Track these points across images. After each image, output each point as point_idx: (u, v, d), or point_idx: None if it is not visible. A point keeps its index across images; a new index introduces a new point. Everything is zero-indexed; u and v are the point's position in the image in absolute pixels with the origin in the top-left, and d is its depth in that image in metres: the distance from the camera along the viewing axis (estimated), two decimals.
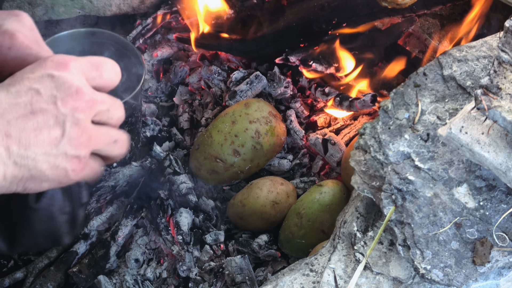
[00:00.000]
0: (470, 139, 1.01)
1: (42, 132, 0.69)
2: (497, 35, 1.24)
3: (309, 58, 1.76)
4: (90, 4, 1.87)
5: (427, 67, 1.20)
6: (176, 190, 1.57)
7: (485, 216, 1.06)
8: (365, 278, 1.10)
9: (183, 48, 1.99)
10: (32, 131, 0.69)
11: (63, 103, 0.71)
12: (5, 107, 0.68)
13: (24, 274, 1.52)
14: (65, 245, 1.55)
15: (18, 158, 0.68)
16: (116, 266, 1.54)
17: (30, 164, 0.69)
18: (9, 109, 0.68)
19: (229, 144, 1.57)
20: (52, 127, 0.70)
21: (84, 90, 0.73)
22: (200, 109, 1.84)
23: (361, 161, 1.14)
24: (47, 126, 0.70)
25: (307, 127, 1.77)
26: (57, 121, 0.70)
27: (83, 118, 0.72)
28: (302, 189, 1.64)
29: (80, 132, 0.72)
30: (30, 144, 0.68)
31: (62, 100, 0.71)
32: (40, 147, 0.69)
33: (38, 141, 0.69)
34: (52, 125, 0.70)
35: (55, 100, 0.70)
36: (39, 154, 0.69)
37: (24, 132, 0.68)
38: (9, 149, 0.67)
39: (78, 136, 0.72)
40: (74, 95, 0.72)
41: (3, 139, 0.67)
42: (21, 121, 0.68)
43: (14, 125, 0.68)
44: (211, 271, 1.47)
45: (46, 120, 0.70)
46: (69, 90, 0.71)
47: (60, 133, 0.70)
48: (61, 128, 0.70)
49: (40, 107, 0.69)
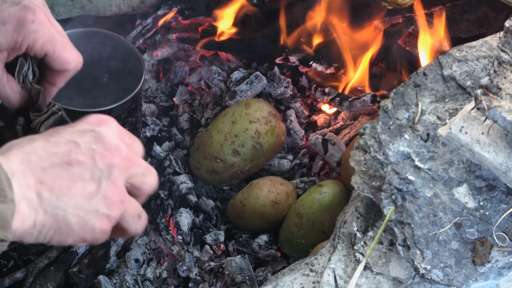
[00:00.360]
0: (470, 139, 1.01)
1: (77, 184, 0.68)
2: (497, 35, 1.24)
3: (309, 58, 1.76)
4: (90, 4, 1.87)
5: (427, 67, 1.20)
6: (176, 190, 1.57)
7: (485, 216, 1.06)
8: (365, 278, 1.10)
9: (183, 48, 1.99)
10: (66, 181, 0.67)
11: (101, 157, 0.70)
12: (42, 155, 0.67)
13: (24, 274, 1.52)
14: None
15: (49, 206, 0.66)
16: (116, 266, 1.54)
17: (60, 215, 0.67)
18: (46, 157, 0.67)
19: (229, 144, 1.57)
20: (87, 181, 0.69)
21: (122, 148, 0.72)
22: (200, 109, 1.84)
23: (361, 161, 1.14)
24: (82, 179, 0.68)
25: (307, 127, 1.77)
26: (93, 175, 0.69)
27: (119, 176, 0.71)
28: (302, 189, 1.64)
29: (115, 192, 0.70)
30: (63, 194, 0.67)
31: (101, 154, 0.70)
32: (72, 199, 0.67)
33: (71, 193, 0.67)
34: (88, 179, 0.69)
35: (94, 153, 0.70)
36: (70, 205, 0.67)
37: (58, 181, 0.67)
38: (41, 196, 0.65)
39: (112, 195, 0.70)
40: (113, 151, 0.71)
41: (36, 185, 0.65)
42: (56, 170, 0.67)
43: (49, 173, 0.66)
44: (211, 271, 1.47)
45: (82, 173, 0.68)
46: (108, 146, 0.71)
47: (95, 188, 0.69)
48: (96, 183, 0.69)
49: (77, 159, 0.68)
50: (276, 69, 1.78)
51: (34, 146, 0.67)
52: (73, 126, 0.72)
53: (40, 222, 0.66)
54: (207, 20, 1.96)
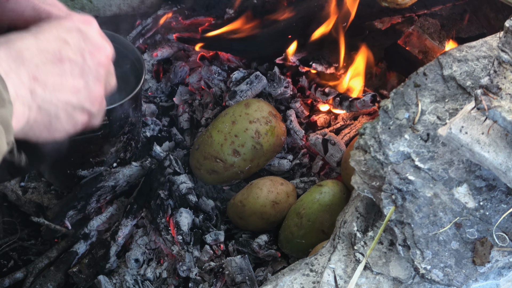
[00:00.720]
0: (470, 139, 1.01)
1: (67, 80, 0.70)
2: (497, 35, 1.24)
3: (309, 58, 1.76)
4: (90, 4, 1.87)
5: (427, 67, 1.20)
6: (176, 190, 1.58)
7: (485, 216, 1.06)
8: (365, 278, 1.10)
9: (183, 48, 1.99)
10: (58, 77, 0.69)
11: (90, 55, 0.72)
12: (33, 52, 0.68)
13: (24, 274, 1.52)
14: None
15: (42, 102, 0.68)
16: (116, 266, 1.54)
17: (52, 110, 0.69)
18: (38, 54, 0.68)
19: (229, 144, 1.57)
20: (76, 77, 0.71)
21: (107, 47, 0.75)
22: (200, 109, 1.84)
23: (361, 161, 1.14)
24: (72, 75, 0.70)
25: (307, 127, 1.77)
26: (82, 72, 0.71)
27: (103, 75, 0.74)
28: (302, 189, 1.64)
29: (98, 89, 0.73)
30: (55, 90, 0.69)
31: (90, 52, 0.72)
32: (63, 94, 0.70)
33: (63, 88, 0.69)
34: (77, 75, 0.71)
35: (83, 51, 0.72)
36: (62, 101, 0.70)
37: (50, 77, 0.68)
38: (35, 92, 0.67)
39: (96, 92, 0.73)
40: (101, 49, 0.74)
41: (30, 81, 0.66)
42: (49, 66, 0.68)
43: (41, 69, 0.68)
44: (211, 271, 1.47)
45: (72, 69, 0.70)
46: (96, 45, 0.74)
47: (83, 85, 0.71)
48: (84, 80, 0.72)
49: (68, 56, 0.70)
50: (276, 69, 1.78)
51: (25, 43, 0.68)
52: (59, 24, 0.73)
53: (33, 119, 0.68)
54: (207, 20, 1.96)
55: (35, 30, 0.71)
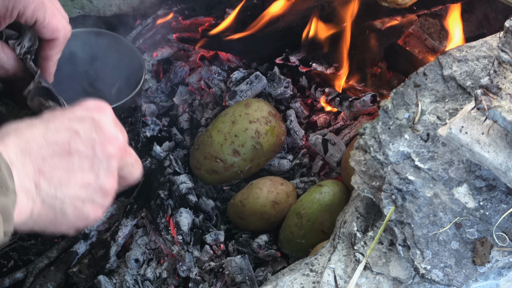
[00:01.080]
0: (470, 139, 1.01)
1: (76, 175, 0.67)
2: (497, 35, 1.24)
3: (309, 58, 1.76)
4: (90, 4, 1.87)
5: (427, 67, 1.20)
6: (176, 190, 1.57)
7: (485, 216, 1.06)
8: (365, 278, 1.10)
9: (183, 48, 1.99)
10: (65, 171, 0.66)
11: (101, 147, 0.69)
12: (41, 143, 0.66)
13: (24, 274, 1.52)
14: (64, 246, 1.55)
15: (46, 196, 0.65)
16: (116, 266, 1.54)
17: (58, 205, 0.66)
18: (46, 146, 0.66)
19: (229, 144, 1.57)
20: (86, 171, 0.68)
21: (120, 138, 0.72)
22: (200, 109, 1.84)
23: (361, 161, 1.14)
24: (81, 169, 0.68)
25: (307, 127, 1.77)
26: (92, 166, 0.68)
27: (115, 166, 0.70)
28: (302, 189, 1.64)
29: (111, 182, 0.70)
30: (61, 185, 0.66)
31: (101, 144, 0.69)
32: (70, 189, 0.67)
33: (70, 183, 0.67)
34: (87, 169, 0.68)
35: (94, 143, 0.69)
36: (68, 196, 0.67)
37: (57, 171, 0.66)
38: (40, 186, 0.65)
39: (108, 185, 0.70)
40: (112, 140, 0.70)
41: (35, 174, 0.64)
42: (56, 160, 0.66)
43: (48, 162, 0.65)
44: (211, 271, 1.47)
45: (81, 163, 0.68)
46: (108, 135, 0.70)
47: (93, 179, 0.68)
48: (95, 174, 0.68)
49: (77, 148, 0.67)
50: (276, 69, 1.78)
51: (34, 133, 0.66)
52: (71, 112, 0.71)
53: (36, 212, 0.65)
54: (207, 20, 1.96)
55: (47, 118, 0.69)
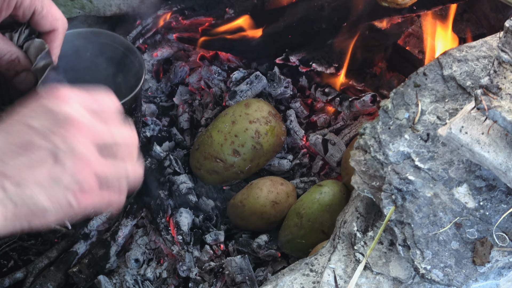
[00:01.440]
0: (470, 139, 1.01)
1: (40, 170, 0.67)
2: (497, 35, 1.24)
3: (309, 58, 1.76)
4: (90, 4, 1.87)
5: (427, 67, 1.20)
6: (176, 190, 1.58)
7: (485, 216, 1.06)
8: (365, 278, 1.10)
9: (183, 48, 1.99)
10: (27, 168, 0.66)
11: (56, 135, 0.68)
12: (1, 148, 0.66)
13: (24, 274, 1.52)
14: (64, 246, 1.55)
15: (16, 197, 0.65)
16: (116, 266, 1.54)
17: (29, 202, 0.66)
18: (5, 149, 0.66)
19: (229, 144, 1.57)
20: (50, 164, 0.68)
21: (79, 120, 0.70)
22: (200, 109, 1.84)
23: (361, 161, 1.14)
24: (42, 161, 0.67)
25: (307, 127, 1.77)
26: (53, 155, 0.68)
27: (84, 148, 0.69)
28: (302, 189, 1.64)
29: (77, 162, 0.69)
30: (28, 182, 0.66)
31: (55, 133, 0.68)
32: (38, 184, 0.67)
33: (36, 178, 0.67)
34: (51, 162, 0.68)
35: (51, 134, 0.68)
36: (38, 191, 0.67)
37: (20, 171, 0.66)
38: (6, 189, 0.65)
39: (76, 166, 0.69)
40: (68, 126, 0.69)
41: (1, 180, 0.65)
42: (17, 160, 0.66)
43: (9, 164, 0.66)
44: (211, 271, 1.47)
45: (41, 156, 0.67)
46: (64, 122, 0.69)
47: (60, 170, 0.68)
48: (58, 162, 0.68)
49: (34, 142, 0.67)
50: (276, 69, 1.78)
51: None
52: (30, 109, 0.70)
53: (11, 215, 0.65)
54: (207, 20, 1.96)
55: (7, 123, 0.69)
